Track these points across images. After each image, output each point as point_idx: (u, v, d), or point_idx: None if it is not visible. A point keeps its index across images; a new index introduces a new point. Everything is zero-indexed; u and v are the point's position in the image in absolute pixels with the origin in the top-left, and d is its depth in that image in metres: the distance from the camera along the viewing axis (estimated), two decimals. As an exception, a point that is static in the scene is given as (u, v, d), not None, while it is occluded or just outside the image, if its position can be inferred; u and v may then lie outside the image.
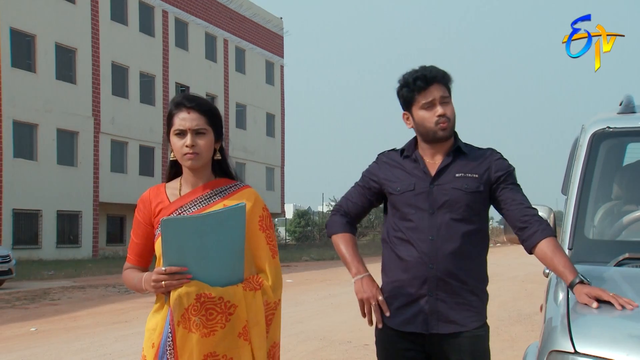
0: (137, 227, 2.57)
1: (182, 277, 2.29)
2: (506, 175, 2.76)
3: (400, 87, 2.81)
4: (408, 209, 2.77)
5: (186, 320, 2.29)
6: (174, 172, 2.60)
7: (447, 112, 2.74)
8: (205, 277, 2.32)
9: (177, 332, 2.30)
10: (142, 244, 2.57)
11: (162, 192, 2.56)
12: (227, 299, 2.33)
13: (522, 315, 10.35)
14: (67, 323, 10.43)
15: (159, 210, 2.52)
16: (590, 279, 2.47)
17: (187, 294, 2.28)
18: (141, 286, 2.44)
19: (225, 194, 2.52)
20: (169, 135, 2.49)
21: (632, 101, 3.29)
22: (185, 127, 2.44)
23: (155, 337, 2.42)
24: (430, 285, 2.72)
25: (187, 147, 2.43)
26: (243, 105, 40.71)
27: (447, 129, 2.75)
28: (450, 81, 2.80)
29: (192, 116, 2.45)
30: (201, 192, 2.51)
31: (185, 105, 2.46)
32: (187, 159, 2.45)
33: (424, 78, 2.73)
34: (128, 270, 2.58)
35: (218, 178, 2.56)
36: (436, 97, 2.73)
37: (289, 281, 17.92)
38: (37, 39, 27.73)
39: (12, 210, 26.60)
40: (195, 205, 2.49)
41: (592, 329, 2.23)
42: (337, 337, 8.60)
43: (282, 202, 45.48)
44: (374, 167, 2.93)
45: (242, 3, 40.48)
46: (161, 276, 2.30)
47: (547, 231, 2.64)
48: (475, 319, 2.73)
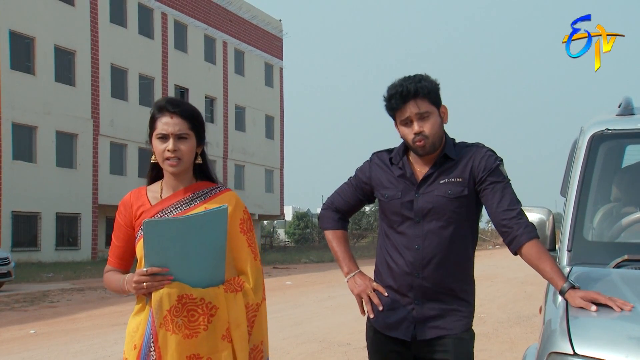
0: (118, 230, 2.58)
1: (164, 278, 2.30)
2: (487, 174, 2.68)
3: (384, 101, 2.78)
4: (395, 217, 2.78)
5: (168, 321, 2.30)
6: (155, 175, 2.61)
7: (424, 128, 2.67)
8: (187, 279, 2.33)
9: (159, 334, 2.30)
10: (123, 247, 2.58)
11: (144, 195, 2.57)
12: (209, 300, 2.34)
13: (521, 317, 10.33)
14: (66, 325, 10.43)
15: (140, 213, 2.52)
16: (589, 281, 2.46)
17: (169, 294, 2.29)
18: (123, 287, 2.45)
19: (206, 197, 2.53)
20: (151, 138, 2.51)
21: (631, 103, 3.29)
22: (168, 131, 2.45)
23: (137, 338, 2.42)
24: (416, 293, 2.74)
25: (169, 151, 2.44)
26: (242, 107, 40.72)
27: (425, 147, 2.70)
28: (431, 93, 2.69)
29: (175, 121, 2.45)
30: (182, 196, 2.52)
31: (168, 110, 2.47)
32: (169, 164, 2.46)
33: (400, 95, 2.68)
34: (109, 273, 2.59)
35: (199, 181, 2.57)
36: (412, 114, 2.68)
37: (288, 283, 17.92)
38: (36, 41, 27.73)
39: (11, 213, 26.58)
40: (176, 208, 2.50)
41: (591, 330, 2.23)
42: (337, 339, 8.59)
43: (281, 204, 45.46)
44: (366, 168, 2.92)
45: (241, 5, 40.51)
46: (143, 277, 2.31)
47: (528, 234, 2.57)
48: (461, 323, 2.75)
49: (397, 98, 2.69)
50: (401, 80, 2.72)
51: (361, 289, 2.79)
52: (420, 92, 2.67)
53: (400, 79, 2.73)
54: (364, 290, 2.78)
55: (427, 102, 2.69)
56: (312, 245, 45.86)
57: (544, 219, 3.07)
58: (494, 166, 2.70)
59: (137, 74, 32.99)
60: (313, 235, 50.91)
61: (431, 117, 2.69)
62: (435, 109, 2.71)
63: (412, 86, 2.67)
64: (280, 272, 22.77)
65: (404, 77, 2.74)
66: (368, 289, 2.78)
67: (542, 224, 3.05)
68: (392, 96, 2.71)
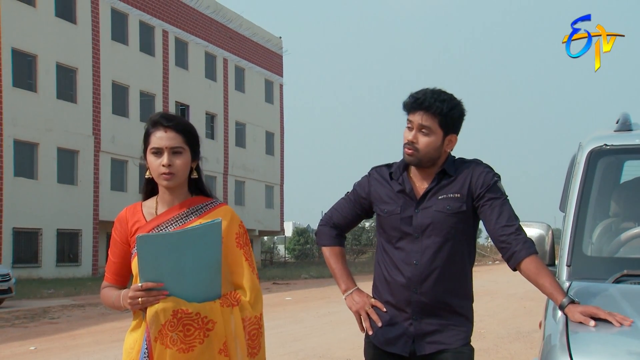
0: (114, 246, 2.58)
1: (159, 293, 2.30)
2: (485, 191, 2.69)
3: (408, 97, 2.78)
4: (394, 233, 2.78)
5: (163, 336, 2.30)
6: (150, 190, 2.61)
7: (417, 140, 2.68)
8: (182, 293, 2.33)
9: (154, 348, 2.30)
10: (119, 263, 2.57)
11: (139, 211, 2.57)
12: (204, 315, 2.34)
13: (521, 333, 10.30)
14: (66, 342, 10.39)
15: (135, 229, 2.52)
16: (588, 296, 2.47)
17: (164, 309, 2.29)
18: (119, 303, 2.45)
19: (202, 212, 2.52)
20: (145, 153, 2.50)
21: (629, 119, 3.32)
22: (162, 145, 2.44)
23: (133, 354, 2.42)
24: (414, 309, 2.73)
25: (164, 166, 2.44)
26: (242, 123, 40.81)
27: (412, 157, 2.71)
28: (445, 117, 2.68)
29: (169, 135, 2.45)
30: (177, 211, 2.51)
31: (163, 124, 2.47)
32: (164, 178, 2.46)
33: (416, 101, 2.70)
34: (106, 289, 2.59)
35: (194, 196, 2.57)
36: (415, 122, 2.69)
37: (288, 299, 17.87)
38: (38, 59, 27.85)
39: (12, 229, 26.56)
40: (171, 224, 2.50)
41: (591, 345, 2.24)
42: (336, 355, 8.57)
43: (281, 220, 45.43)
44: (364, 182, 2.91)
45: (241, 22, 40.71)
46: (138, 292, 2.31)
47: (527, 249, 2.58)
48: (460, 337, 2.74)
49: (413, 102, 2.71)
50: (431, 90, 2.73)
51: (359, 306, 2.79)
52: (433, 109, 2.67)
53: (432, 89, 2.74)
54: (362, 307, 2.79)
55: (435, 121, 2.68)
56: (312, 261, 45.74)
57: (543, 234, 3.09)
58: (492, 182, 2.71)
59: (138, 91, 33.10)
60: (313, 251, 50.80)
61: (430, 136, 2.69)
62: (440, 131, 2.70)
63: (431, 100, 2.68)
64: (280, 288, 22.71)
65: (438, 89, 2.74)
66: (366, 306, 2.78)
67: (541, 239, 3.06)
68: (411, 97, 2.73)
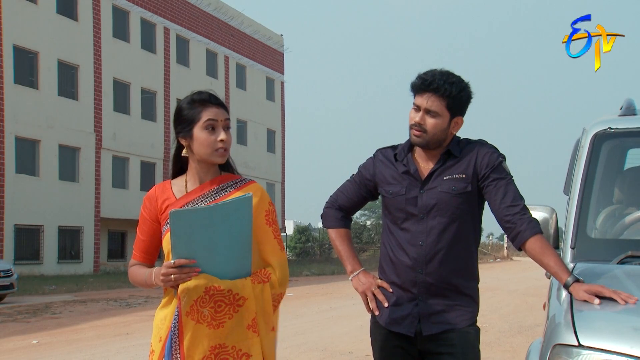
0: (143, 224, 2.58)
1: (191, 270, 2.30)
2: (490, 171, 2.69)
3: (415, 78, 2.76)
4: (399, 214, 2.78)
5: (194, 312, 2.31)
6: (179, 169, 2.60)
7: (425, 122, 2.68)
8: (214, 270, 2.33)
9: (185, 324, 2.31)
10: (148, 241, 2.57)
11: (168, 189, 2.56)
12: (236, 292, 2.35)
13: (523, 327, 10.31)
14: (68, 336, 10.41)
15: (165, 206, 2.52)
16: (593, 276, 2.48)
17: (196, 287, 2.29)
18: (151, 281, 2.44)
19: (232, 189, 2.53)
20: (190, 131, 2.47)
21: (633, 104, 3.34)
22: (219, 118, 2.47)
23: (163, 330, 2.43)
24: (420, 290, 2.74)
25: (222, 141, 2.45)
26: (244, 121, 40.81)
27: (419, 138, 2.70)
28: (453, 99, 2.67)
29: (222, 111, 2.50)
30: (208, 188, 2.52)
31: (212, 102, 2.51)
32: (219, 154, 2.46)
33: (423, 82, 2.68)
34: (135, 267, 2.58)
35: (224, 174, 2.58)
36: (422, 104, 2.68)
37: (289, 295, 17.87)
38: (39, 56, 27.88)
39: (14, 226, 26.59)
40: (202, 200, 2.50)
41: (596, 322, 2.25)
42: (339, 348, 8.58)
43: (282, 218, 45.45)
44: (369, 164, 2.92)
45: (242, 20, 40.71)
46: (170, 269, 2.30)
47: (532, 229, 2.58)
48: (466, 317, 2.74)
49: (421, 83, 2.69)
50: (440, 71, 2.71)
51: (365, 286, 2.82)
52: (441, 91, 2.66)
53: (440, 70, 2.72)
54: (369, 288, 2.81)
55: (442, 104, 2.67)
56: (313, 259, 45.71)
57: (547, 217, 3.09)
58: (497, 163, 2.71)
59: (140, 88, 33.10)
60: (314, 249, 50.77)
61: (437, 118, 2.69)
62: (447, 113, 2.69)
63: (440, 81, 2.66)
64: (282, 285, 22.67)
65: (447, 70, 2.72)
66: (372, 286, 2.81)
67: (545, 222, 3.06)
68: (420, 78, 2.71)
